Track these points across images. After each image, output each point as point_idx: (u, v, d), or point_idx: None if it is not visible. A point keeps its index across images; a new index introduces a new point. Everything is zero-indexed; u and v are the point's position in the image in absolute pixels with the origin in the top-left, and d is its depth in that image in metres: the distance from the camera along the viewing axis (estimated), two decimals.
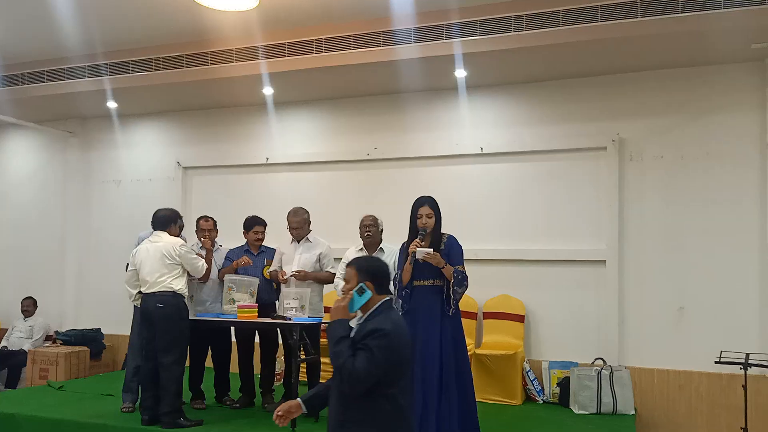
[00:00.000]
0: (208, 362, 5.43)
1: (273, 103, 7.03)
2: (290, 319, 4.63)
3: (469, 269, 6.19)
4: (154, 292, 4.65)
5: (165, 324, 4.61)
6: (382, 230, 5.02)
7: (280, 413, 2.81)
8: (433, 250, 4.11)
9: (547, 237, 6.12)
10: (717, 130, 5.65)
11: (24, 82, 7.05)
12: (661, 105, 5.84)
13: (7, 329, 7.57)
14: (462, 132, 6.47)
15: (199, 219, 5.48)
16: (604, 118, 6.01)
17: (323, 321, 4.86)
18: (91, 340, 7.08)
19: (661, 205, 5.79)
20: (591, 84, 6.06)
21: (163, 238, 4.81)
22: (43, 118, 7.82)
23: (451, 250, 4.15)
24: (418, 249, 4.08)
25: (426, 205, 4.22)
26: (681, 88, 5.78)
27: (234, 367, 5.42)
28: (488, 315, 6.16)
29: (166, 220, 4.90)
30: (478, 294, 6.20)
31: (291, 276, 4.97)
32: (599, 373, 5.38)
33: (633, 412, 5.31)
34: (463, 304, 6.11)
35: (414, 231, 4.24)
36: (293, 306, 4.72)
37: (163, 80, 6.46)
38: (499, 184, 6.32)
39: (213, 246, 5.31)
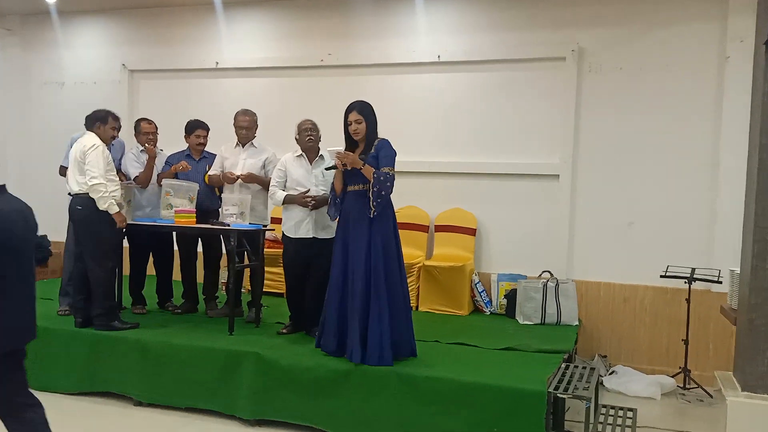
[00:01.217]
0: (151, 269, 5.32)
1: (222, 4, 6.66)
2: (229, 226, 4.49)
3: (421, 182, 6.24)
4: (75, 194, 4.51)
5: (84, 226, 4.48)
6: (320, 137, 4.80)
7: None
8: (358, 154, 4.00)
9: (502, 150, 6.00)
10: (677, 41, 5.48)
11: None
12: (622, 14, 5.63)
13: None
14: (418, 39, 6.22)
15: (140, 121, 5.25)
16: (565, 26, 5.80)
17: (264, 227, 4.75)
18: (36, 246, 6.86)
19: (617, 118, 5.67)
20: None
21: (83, 139, 4.58)
22: None
23: (380, 152, 3.99)
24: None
25: (354, 110, 4.05)
26: None
27: (177, 274, 5.33)
28: (440, 228, 6.11)
29: (92, 120, 4.66)
30: (430, 207, 6.15)
31: (239, 177, 4.77)
32: (545, 285, 5.41)
33: (576, 324, 5.38)
34: (415, 217, 6.14)
35: (348, 138, 4.10)
36: (233, 213, 4.57)
37: None
38: (456, 95, 6.13)
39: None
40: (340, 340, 3.99)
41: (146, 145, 5.06)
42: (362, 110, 4.04)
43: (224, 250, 5.20)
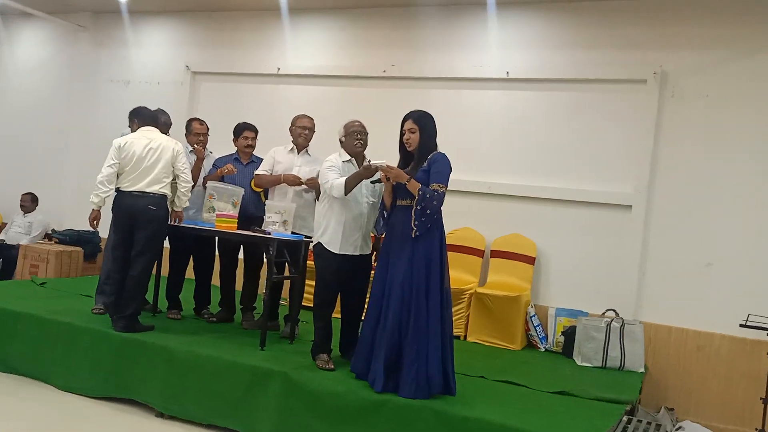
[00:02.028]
0: (190, 273, 5.14)
1: (287, 9, 6.54)
2: (269, 234, 4.24)
3: (479, 203, 5.85)
4: (147, 193, 4.32)
5: (152, 227, 4.33)
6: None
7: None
8: (410, 167, 3.67)
9: (569, 175, 5.57)
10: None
11: None
12: (712, 38, 5.17)
13: (7, 223, 7.45)
14: (487, 53, 5.89)
15: (191, 120, 5.11)
16: (648, 47, 5.36)
17: (308, 238, 4.47)
18: (86, 241, 6.88)
19: (699, 149, 5.17)
20: (636, 7, 5.39)
21: (162, 137, 4.46)
22: (55, 9, 7.51)
23: (432, 166, 3.62)
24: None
25: (410, 119, 3.72)
26: (734, 20, 5.08)
27: (217, 280, 5.13)
28: (496, 254, 5.71)
29: (155, 117, 4.58)
30: (487, 230, 5.77)
31: (303, 182, 4.50)
32: (609, 324, 4.92)
33: (642, 370, 4.87)
34: (469, 239, 5.77)
35: (402, 149, 3.79)
36: (275, 221, 4.31)
37: None
38: (524, 113, 5.75)
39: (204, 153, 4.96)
40: (370, 364, 3.66)
41: (195, 146, 4.89)
42: (419, 120, 3.73)
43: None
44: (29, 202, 7.30)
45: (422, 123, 3.72)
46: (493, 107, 5.86)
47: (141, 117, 4.64)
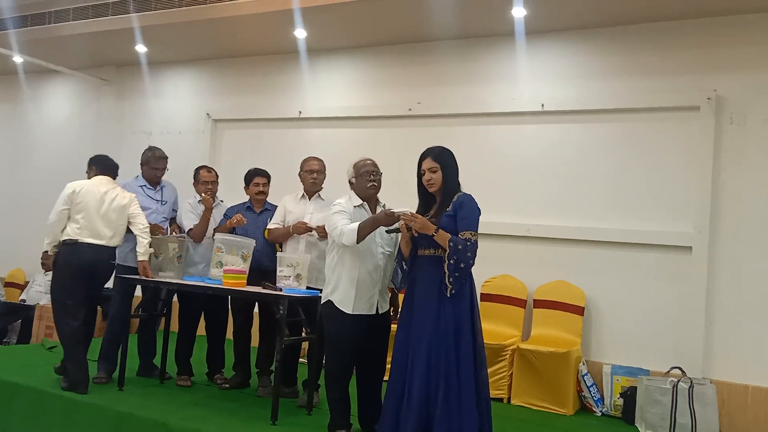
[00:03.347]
0: (202, 331, 4.74)
1: (306, 51, 6.28)
2: (281, 290, 3.79)
3: (519, 248, 5.30)
4: (108, 246, 4.27)
5: (107, 279, 4.43)
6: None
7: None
8: (433, 212, 3.21)
9: (618, 214, 5.01)
10: None
11: (50, 21, 6.61)
12: None
13: (29, 282, 7.23)
14: (520, 86, 5.44)
15: (199, 169, 4.78)
16: (698, 70, 4.85)
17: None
18: (106, 300, 6.54)
19: (766, 180, 4.56)
20: (683, 28, 4.90)
21: (117, 188, 4.43)
22: (79, 64, 7.45)
23: (459, 211, 3.17)
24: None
25: (429, 157, 3.29)
26: None
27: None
28: (540, 303, 5.14)
29: (113, 167, 4.57)
30: (528, 278, 5.22)
31: (314, 228, 4.09)
32: (675, 386, 4.27)
33: None
34: (509, 288, 5.21)
35: (421, 191, 3.34)
36: (287, 275, 3.87)
37: (187, 17, 5.83)
38: (563, 148, 5.24)
39: (213, 202, 4.60)
40: None
41: (203, 194, 4.55)
42: (439, 157, 3.29)
43: None
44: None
45: (443, 160, 3.27)
46: (529, 142, 5.37)
47: (100, 165, 4.55)
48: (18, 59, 7.22)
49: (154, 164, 4.69)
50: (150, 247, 4.29)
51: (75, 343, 4.15)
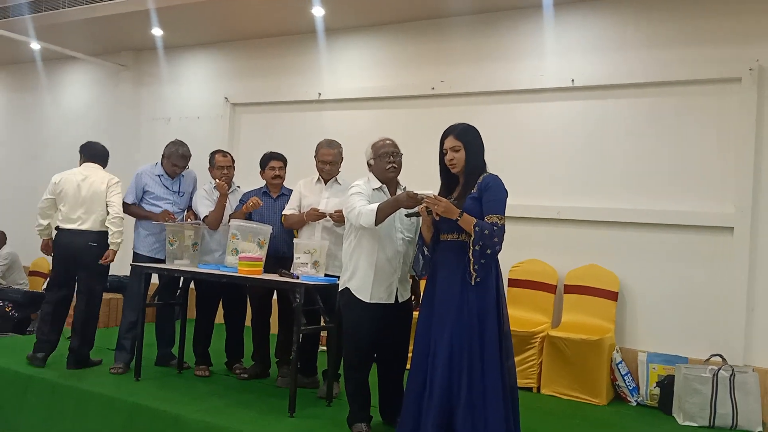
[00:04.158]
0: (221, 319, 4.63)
1: (324, 30, 6.07)
2: (297, 277, 3.64)
3: (548, 231, 5.07)
4: (85, 230, 4.34)
5: (94, 264, 4.34)
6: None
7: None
8: (457, 194, 3.00)
9: (653, 194, 4.74)
10: None
11: (65, 5, 6.51)
12: None
13: None
14: (548, 60, 5.18)
15: (214, 153, 4.63)
16: (739, 40, 4.54)
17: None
18: (125, 288, 6.51)
19: None
20: None
21: (99, 173, 4.50)
22: (97, 50, 7.36)
23: (485, 193, 2.95)
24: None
25: (451, 135, 3.07)
26: None
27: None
28: (570, 289, 4.91)
29: (99, 154, 4.65)
30: (558, 262, 5.00)
31: (328, 214, 3.90)
32: (716, 374, 4.03)
33: (760, 429, 3.95)
34: (538, 273, 4.99)
35: (443, 170, 3.13)
36: (304, 261, 3.71)
37: None
38: (594, 125, 4.98)
39: (229, 187, 4.45)
40: None
41: (218, 180, 4.40)
42: (462, 135, 3.07)
43: None
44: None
45: (467, 138, 3.06)
46: (558, 120, 5.12)
47: (87, 152, 4.65)
48: (35, 46, 7.15)
49: (175, 161, 4.55)
50: (119, 239, 4.36)
51: (44, 321, 4.44)
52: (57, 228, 4.43)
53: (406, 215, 3.14)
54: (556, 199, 5.04)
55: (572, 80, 5.02)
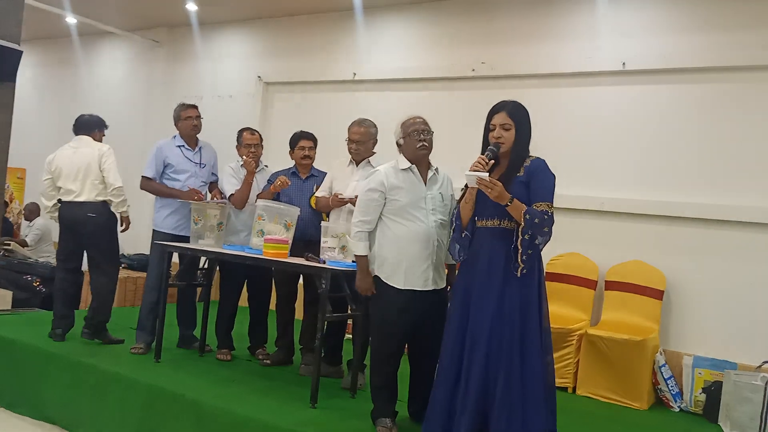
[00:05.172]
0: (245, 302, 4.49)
1: (362, 7, 5.87)
2: (324, 262, 3.46)
3: (590, 223, 4.78)
4: (84, 201, 4.33)
5: (98, 235, 4.37)
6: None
7: None
8: (498, 177, 2.76)
9: (706, 187, 4.44)
10: None
11: None
12: None
13: None
14: (597, 43, 4.89)
15: (242, 131, 4.48)
16: None
17: None
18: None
19: None
20: None
21: (90, 144, 4.47)
22: (132, 26, 7.29)
23: (533, 178, 2.74)
24: (467, 172, 2.70)
25: (503, 111, 2.83)
26: None
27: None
28: (612, 285, 4.64)
29: (92, 124, 4.60)
30: (600, 257, 4.73)
31: (349, 200, 3.71)
32: None
33: None
34: (578, 268, 4.73)
35: (486, 148, 2.89)
36: (332, 246, 3.53)
37: None
38: (646, 112, 4.69)
39: (257, 166, 4.29)
40: None
41: (245, 157, 4.24)
42: (514, 113, 2.84)
43: None
44: None
45: (519, 117, 2.83)
46: (607, 106, 4.83)
47: (76, 126, 4.62)
48: (71, 20, 7.10)
49: (185, 113, 4.47)
50: (124, 207, 4.41)
51: (57, 297, 4.50)
52: (59, 201, 4.47)
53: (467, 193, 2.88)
54: (601, 189, 4.77)
55: (623, 63, 4.73)
